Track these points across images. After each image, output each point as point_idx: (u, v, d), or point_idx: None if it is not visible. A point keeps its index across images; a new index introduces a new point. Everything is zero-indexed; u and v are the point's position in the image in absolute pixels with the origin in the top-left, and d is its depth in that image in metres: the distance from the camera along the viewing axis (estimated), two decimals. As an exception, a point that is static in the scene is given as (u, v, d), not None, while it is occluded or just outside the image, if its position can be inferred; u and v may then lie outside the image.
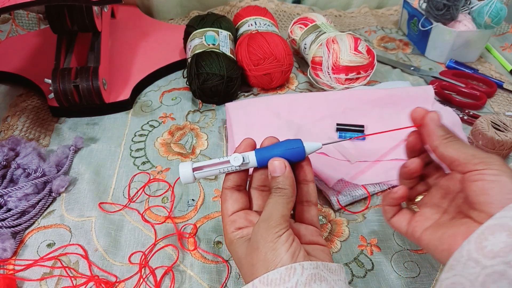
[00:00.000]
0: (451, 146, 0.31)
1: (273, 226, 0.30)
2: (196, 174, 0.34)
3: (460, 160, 0.30)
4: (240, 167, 0.34)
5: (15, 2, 0.48)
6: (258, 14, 0.71)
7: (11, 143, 0.52)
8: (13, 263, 0.42)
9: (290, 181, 0.32)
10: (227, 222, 0.34)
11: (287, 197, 0.32)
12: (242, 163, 0.33)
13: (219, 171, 0.34)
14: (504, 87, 0.67)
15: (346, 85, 0.61)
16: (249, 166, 0.34)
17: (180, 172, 0.34)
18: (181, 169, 0.34)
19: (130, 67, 0.68)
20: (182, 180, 0.34)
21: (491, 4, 0.66)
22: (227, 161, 0.34)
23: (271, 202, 0.32)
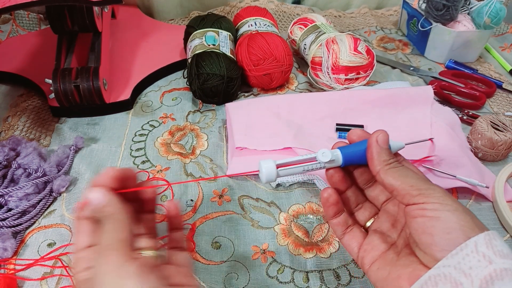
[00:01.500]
0: (391, 173, 0.29)
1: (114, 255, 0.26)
2: (280, 171, 0.31)
3: (399, 190, 0.28)
4: (326, 165, 0.31)
5: (15, 2, 0.48)
6: (258, 14, 0.72)
7: (12, 143, 0.52)
8: (14, 263, 0.42)
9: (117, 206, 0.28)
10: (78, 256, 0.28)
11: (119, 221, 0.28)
12: (329, 160, 0.31)
13: (304, 169, 0.31)
14: (503, 87, 0.67)
15: (346, 85, 0.61)
16: (335, 164, 0.31)
17: (263, 168, 0.30)
18: (264, 165, 0.30)
19: (130, 67, 0.68)
20: (265, 177, 0.30)
21: (490, 5, 0.66)
22: (313, 158, 0.31)
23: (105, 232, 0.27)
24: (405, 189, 0.28)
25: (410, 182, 0.28)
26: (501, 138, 0.51)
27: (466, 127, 0.58)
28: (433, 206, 0.26)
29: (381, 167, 0.29)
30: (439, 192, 0.27)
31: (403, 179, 0.28)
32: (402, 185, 0.28)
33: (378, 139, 0.30)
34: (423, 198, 0.27)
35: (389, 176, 0.29)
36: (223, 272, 0.41)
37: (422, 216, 0.26)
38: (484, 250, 0.23)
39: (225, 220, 0.46)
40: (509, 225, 0.45)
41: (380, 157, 0.30)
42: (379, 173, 0.29)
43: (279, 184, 0.50)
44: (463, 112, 0.61)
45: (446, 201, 0.26)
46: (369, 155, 0.30)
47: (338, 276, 0.41)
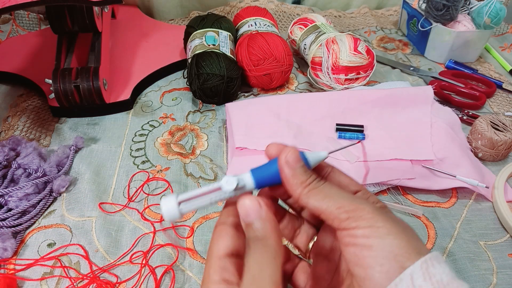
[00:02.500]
0: (312, 196, 0.25)
1: None
2: (182, 208, 0.27)
3: (326, 214, 0.24)
4: (236, 192, 0.27)
5: (15, 2, 0.48)
6: (258, 14, 0.72)
7: (12, 143, 0.52)
8: (14, 263, 0.42)
9: (272, 225, 0.25)
10: (214, 264, 0.24)
11: (272, 250, 0.24)
12: (236, 187, 0.27)
13: (210, 200, 0.27)
14: (503, 87, 0.67)
15: (346, 86, 0.61)
16: (247, 189, 0.27)
17: (163, 208, 0.27)
18: (164, 205, 0.27)
19: (130, 67, 0.68)
20: (166, 217, 0.27)
21: (490, 5, 0.66)
22: (218, 187, 0.27)
23: (252, 260, 0.23)
24: (332, 213, 0.24)
25: (336, 203, 0.24)
26: (501, 138, 0.51)
27: (466, 127, 0.58)
28: (363, 232, 0.23)
29: (300, 190, 0.25)
30: (368, 212, 0.24)
31: (328, 201, 0.25)
32: (329, 208, 0.24)
33: (288, 159, 0.26)
34: (353, 222, 0.23)
35: (312, 199, 0.25)
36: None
37: (353, 244, 0.23)
38: (422, 283, 0.21)
39: (225, 220, 0.46)
40: (509, 225, 0.45)
41: (295, 179, 0.26)
42: (300, 198, 0.26)
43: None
44: (463, 112, 0.61)
45: (378, 223, 0.23)
46: (283, 179, 0.26)
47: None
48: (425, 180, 0.49)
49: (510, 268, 0.41)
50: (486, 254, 0.43)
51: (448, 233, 0.45)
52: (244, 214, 0.25)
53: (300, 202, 0.26)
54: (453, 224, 0.46)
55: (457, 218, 0.46)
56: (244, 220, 0.25)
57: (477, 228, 0.45)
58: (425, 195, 0.49)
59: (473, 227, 0.45)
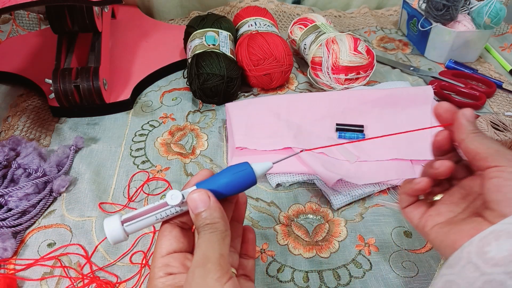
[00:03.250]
0: (477, 139, 0.30)
1: (212, 270, 0.24)
2: (127, 228, 0.27)
3: (482, 154, 0.29)
4: (181, 207, 0.28)
5: (15, 2, 0.48)
6: (258, 14, 0.72)
7: (12, 143, 0.52)
8: (14, 263, 0.42)
9: (219, 212, 0.27)
10: (157, 264, 0.27)
11: (220, 231, 0.26)
12: (181, 201, 0.27)
13: (156, 218, 0.27)
14: (503, 87, 0.67)
15: (346, 85, 0.61)
16: None
17: (106, 229, 0.26)
18: (107, 226, 0.27)
19: (130, 67, 0.68)
20: (110, 238, 0.27)
21: (490, 5, 0.66)
22: (163, 203, 0.27)
23: (202, 242, 0.26)
24: (490, 153, 0.29)
25: (495, 147, 0.29)
26: (501, 138, 0.51)
27: (466, 127, 0.58)
28: None
29: (467, 135, 0.30)
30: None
31: (489, 144, 0.29)
32: (487, 149, 0.29)
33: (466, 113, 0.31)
34: (506, 162, 0.28)
35: (475, 141, 0.30)
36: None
37: (499, 177, 0.27)
38: None
39: (225, 220, 0.46)
40: (509, 225, 0.45)
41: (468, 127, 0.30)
42: (464, 140, 0.30)
43: (279, 184, 0.50)
44: (463, 112, 0.61)
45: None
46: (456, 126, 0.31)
47: (338, 276, 0.41)
48: (425, 180, 0.49)
49: (510, 268, 0.41)
50: (486, 254, 0.43)
51: (448, 233, 0.45)
52: (193, 207, 0.27)
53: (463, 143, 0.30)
54: (453, 224, 0.46)
55: (457, 218, 0.46)
56: (193, 211, 0.27)
57: (477, 228, 0.45)
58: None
59: (473, 227, 0.45)
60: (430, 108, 0.56)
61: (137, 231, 0.28)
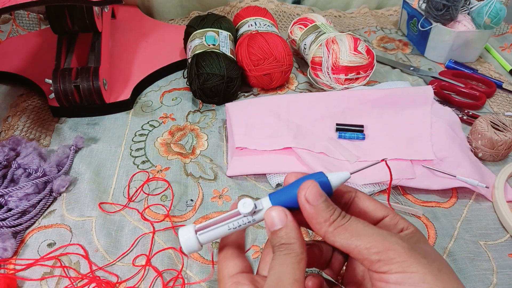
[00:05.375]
0: (338, 235, 0.24)
1: None
2: (200, 237, 0.27)
3: (355, 254, 0.24)
4: (254, 216, 0.27)
5: (15, 2, 0.48)
6: (258, 14, 0.72)
7: (12, 143, 0.52)
8: (14, 263, 0.42)
9: (295, 233, 0.25)
10: (228, 282, 0.26)
11: (295, 254, 0.24)
12: (253, 210, 0.26)
13: (228, 228, 0.27)
14: (503, 87, 0.67)
15: (346, 85, 0.61)
16: None
17: (181, 239, 0.27)
18: (182, 236, 0.27)
19: (130, 67, 0.68)
20: (185, 249, 0.27)
21: (490, 5, 0.66)
22: (236, 212, 0.27)
23: (276, 264, 0.24)
24: (361, 253, 0.23)
25: (365, 243, 0.23)
26: (501, 138, 0.51)
27: (466, 127, 0.58)
28: (396, 279, 0.22)
29: (324, 229, 0.24)
30: (400, 254, 0.22)
31: (356, 240, 0.23)
32: (357, 248, 0.23)
33: (308, 196, 0.25)
34: (384, 265, 0.23)
35: (338, 238, 0.24)
36: (223, 272, 0.41)
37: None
38: None
39: (225, 220, 0.46)
40: (509, 225, 0.45)
41: (318, 217, 0.24)
42: (325, 236, 0.25)
43: (279, 184, 0.50)
44: (463, 112, 0.61)
45: (411, 268, 0.22)
46: (305, 217, 0.25)
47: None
48: (425, 180, 0.49)
49: (510, 268, 0.41)
50: (486, 254, 0.43)
51: (448, 233, 0.45)
52: (270, 224, 0.25)
53: (327, 240, 0.25)
54: (453, 224, 0.46)
55: (457, 218, 0.46)
56: (270, 229, 0.25)
57: (477, 228, 0.45)
58: (425, 195, 0.49)
59: (473, 227, 0.45)
60: (430, 108, 0.56)
61: (210, 241, 0.27)
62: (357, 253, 0.23)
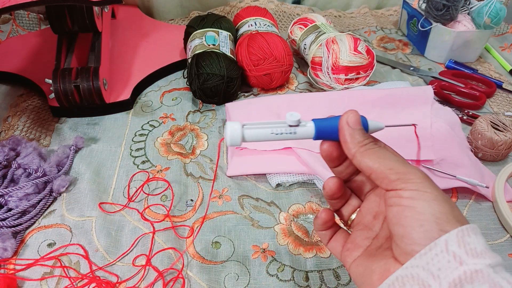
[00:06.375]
0: (367, 155, 0.27)
1: None
2: (245, 132, 0.28)
3: (377, 173, 0.26)
4: (296, 129, 0.28)
5: (15, 2, 0.48)
6: (258, 14, 0.72)
7: (12, 143, 0.52)
8: (14, 263, 0.42)
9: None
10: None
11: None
12: (298, 123, 0.28)
13: (271, 132, 0.29)
14: (503, 87, 0.67)
15: (346, 85, 0.61)
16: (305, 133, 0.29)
17: (228, 130, 0.28)
18: (229, 127, 0.28)
19: (130, 67, 0.68)
20: (229, 140, 0.28)
21: (490, 5, 0.66)
22: (282, 121, 0.29)
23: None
24: (384, 172, 0.26)
25: (388, 165, 0.26)
26: (501, 138, 0.51)
27: (466, 127, 0.58)
28: (410, 194, 0.24)
29: (356, 149, 0.27)
30: (418, 177, 0.25)
31: (381, 161, 0.26)
32: (381, 167, 0.26)
33: (349, 120, 0.28)
34: (401, 183, 0.25)
35: (366, 158, 0.27)
36: (223, 272, 0.41)
37: (398, 205, 0.25)
38: (455, 250, 0.22)
39: (225, 220, 0.46)
40: (509, 225, 0.45)
41: (354, 139, 0.27)
42: (355, 156, 0.27)
43: (279, 184, 0.50)
44: (463, 112, 0.61)
45: (425, 188, 0.24)
46: (341, 139, 0.28)
47: (338, 276, 0.41)
48: (425, 180, 0.49)
49: (510, 268, 0.41)
50: (486, 254, 0.43)
51: (448, 233, 0.45)
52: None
53: (355, 161, 0.27)
54: (453, 224, 0.46)
55: (457, 218, 0.46)
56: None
57: (477, 228, 0.45)
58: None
59: (473, 227, 0.45)
60: (430, 108, 0.56)
61: (252, 140, 0.29)
62: (379, 172, 0.26)
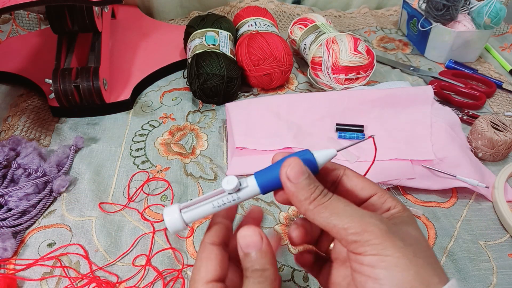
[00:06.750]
0: (318, 213, 0.24)
1: None
2: (185, 216, 0.26)
3: (333, 233, 0.23)
4: (238, 194, 0.26)
5: (15, 2, 0.48)
6: (258, 14, 0.72)
7: (12, 143, 0.52)
8: (14, 263, 0.42)
9: (270, 258, 0.25)
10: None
11: (270, 281, 0.24)
12: (237, 187, 0.26)
13: (213, 206, 0.26)
14: (503, 87, 0.67)
15: (346, 85, 0.61)
16: (250, 193, 0.26)
17: (166, 218, 0.26)
18: (166, 215, 0.26)
19: (130, 67, 0.68)
20: (169, 228, 0.26)
21: (490, 5, 0.66)
22: (220, 190, 0.26)
23: None
24: (339, 233, 0.23)
25: (343, 223, 0.23)
26: (501, 138, 0.51)
27: (466, 127, 0.58)
28: (370, 261, 0.22)
29: (305, 207, 0.24)
30: (377, 236, 0.22)
31: (334, 219, 0.23)
32: (335, 228, 0.23)
33: (289, 174, 0.24)
34: (360, 247, 0.22)
35: (318, 216, 0.24)
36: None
37: (360, 272, 0.23)
38: None
39: (225, 220, 0.46)
40: (509, 225, 0.45)
41: (299, 196, 0.24)
42: (306, 215, 0.24)
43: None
44: (463, 112, 0.61)
45: (386, 251, 0.22)
46: (287, 194, 0.25)
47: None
48: (425, 180, 0.49)
49: (510, 268, 0.41)
50: (486, 254, 0.43)
51: (448, 233, 0.45)
52: (244, 245, 0.25)
53: (308, 218, 0.25)
54: (453, 224, 0.46)
55: (457, 218, 0.46)
56: (243, 250, 0.25)
57: (477, 228, 0.45)
58: (425, 195, 0.49)
59: (473, 227, 0.45)
60: (430, 108, 0.56)
61: (195, 220, 0.27)
62: (335, 232, 0.23)
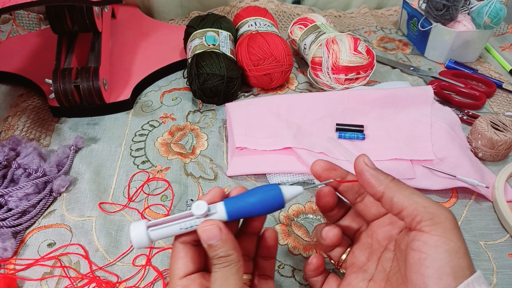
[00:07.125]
0: (399, 191, 0.26)
1: None
2: (151, 233, 0.27)
3: (409, 210, 0.25)
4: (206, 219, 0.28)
5: (15, 2, 0.48)
6: (258, 14, 0.72)
7: (12, 143, 0.52)
8: (14, 263, 0.42)
9: (231, 244, 0.27)
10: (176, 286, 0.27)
11: (234, 264, 0.26)
12: (206, 213, 0.27)
13: (180, 227, 0.27)
14: (503, 87, 0.67)
15: (346, 85, 0.61)
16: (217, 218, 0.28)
17: (132, 234, 0.27)
18: (133, 230, 0.27)
19: (130, 67, 0.68)
20: (134, 243, 0.27)
21: (490, 5, 0.66)
22: (189, 213, 0.28)
23: (218, 277, 0.26)
24: (418, 210, 0.25)
25: (421, 202, 0.25)
26: (501, 138, 0.51)
27: (466, 127, 0.58)
28: (435, 241, 0.23)
29: (386, 184, 0.26)
30: (450, 221, 0.24)
31: (415, 198, 0.25)
32: (415, 204, 0.25)
33: (366, 161, 0.28)
34: (431, 226, 0.24)
35: (398, 193, 0.26)
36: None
37: (421, 251, 0.24)
38: None
39: (225, 220, 0.46)
40: (509, 225, 0.45)
41: (381, 176, 0.27)
42: (385, 191, 0.26)
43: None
44: (463, 112, 0.61)
45: (452, 237, 0.23)
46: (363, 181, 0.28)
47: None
48: (425, 180, 0.49)
49: (510, 268, 0.41)
50: (486, 254, 0.43)
51: (448, 233, 0.45)
52: (206, 238, 0.27)
53: (385, 197, 0.26)
54: (453, 224, 0.46)
55: (457, 218, 0.46)
56: (206, 242, 0.27)
57: (477, 228, 0.45)
58: (425, 195, 0.49)
59: (473, 227, 0.45)
60: (430, 108, 0.56)
61: (161, 238, 0.28)
62: (413, 208, 0.25)
